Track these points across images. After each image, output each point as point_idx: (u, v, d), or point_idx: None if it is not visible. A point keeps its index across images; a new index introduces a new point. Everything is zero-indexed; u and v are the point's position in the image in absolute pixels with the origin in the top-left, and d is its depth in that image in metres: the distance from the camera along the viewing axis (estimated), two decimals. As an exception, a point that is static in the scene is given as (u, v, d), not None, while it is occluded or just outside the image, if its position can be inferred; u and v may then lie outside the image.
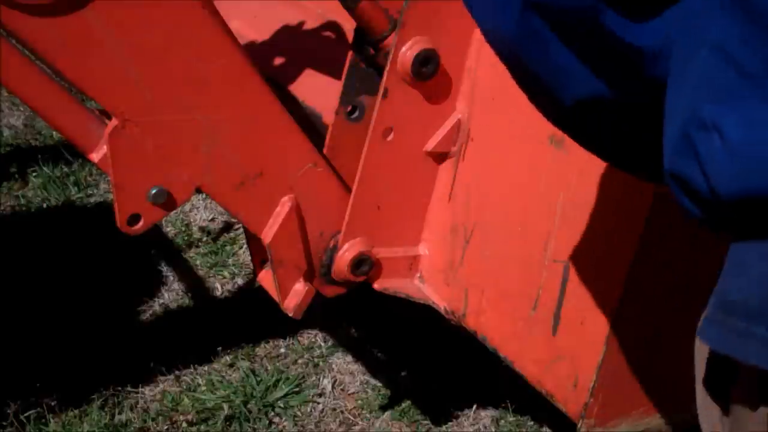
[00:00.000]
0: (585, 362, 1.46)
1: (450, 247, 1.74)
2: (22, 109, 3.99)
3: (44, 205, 3.37)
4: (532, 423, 2.51)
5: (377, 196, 1.73)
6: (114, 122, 1.45)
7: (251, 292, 2.97)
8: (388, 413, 2.51)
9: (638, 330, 1.45)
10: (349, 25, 1.91)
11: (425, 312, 1.83)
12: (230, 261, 3.14)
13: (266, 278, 1.83)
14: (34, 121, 3.90)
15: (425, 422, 2.49)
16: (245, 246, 3.12)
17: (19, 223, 3.25)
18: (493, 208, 1.63)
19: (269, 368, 2.63)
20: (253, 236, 1.73)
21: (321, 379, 2.62)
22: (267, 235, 1.68)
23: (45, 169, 3.55)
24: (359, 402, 2.56)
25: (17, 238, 3.13)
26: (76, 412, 2.37)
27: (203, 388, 2.53)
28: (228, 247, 3.21)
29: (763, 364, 0.63)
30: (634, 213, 1.34)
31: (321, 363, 2.69)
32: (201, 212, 3.38)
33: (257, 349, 2.72)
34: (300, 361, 2.69)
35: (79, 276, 2.91)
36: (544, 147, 1.49)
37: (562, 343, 1.51)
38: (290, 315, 1.77)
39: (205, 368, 2.61)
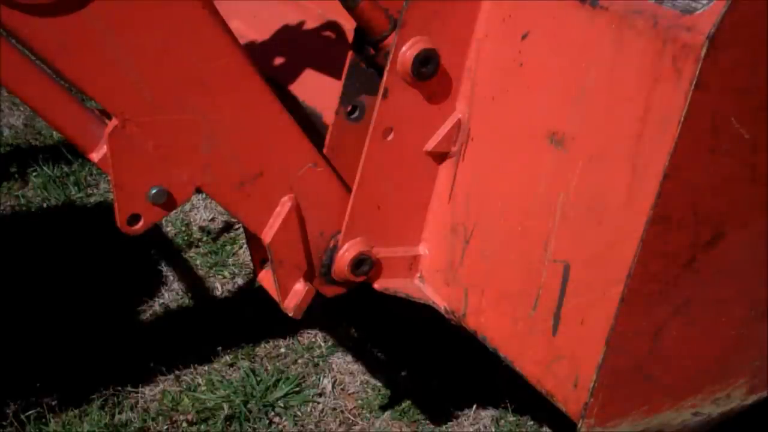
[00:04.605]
0: (585, 362, 1.46)
1: (450, 247, 1.74)
2: (22, 109, 3.99)
3: (44, 205, 3.37)
4: (532, 423, 2.51)
5: (377, 196, 1.72)
6: (114, 122, 1.45)
7: (251, 292, 2.97)
8: (388, 413, 2.51)
9: (638, 329, 1.45)
10: (349, 25, 1.91)
11: (425, 312, 1.83)
12: (230, 261, 3.14)
13: (266, 278, 1.83)
14: (34, 121, 3.90)
15: (425, 422, 2.49)
16: (245, 246, 3.12)
17: (19, 223, 3.25)
18: (493, 207, 1.63)
19: (269, 368, 2.64)
20: (253, 236, 1.73)
21: (321, 379, 2.62)
22: (267, 235, 1.68)
23: (45, 169, 3.55)
24: (359, 402, 2.56)
25: (17, 238, 3.13)
26: (76, 412, 2.38)
27: (203, 387, 2.53)
28: (228, 247, 3.21)
29: None
30: (635, 213, 1.34)
31: (321, 363, 2.69)
32: (201, 212, 3.38)
33: (257, 349, 2.72)
34: (300, 361, 2.69)
35: (79, 276, 2.91)
36: (544, 147, 1.49)
37: (562, 343, 1.51)
38: (290, 315, 1.77)
39: (205, 368, 2.61)
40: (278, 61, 2.17)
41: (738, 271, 1.50)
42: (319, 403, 2.54)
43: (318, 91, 1.98)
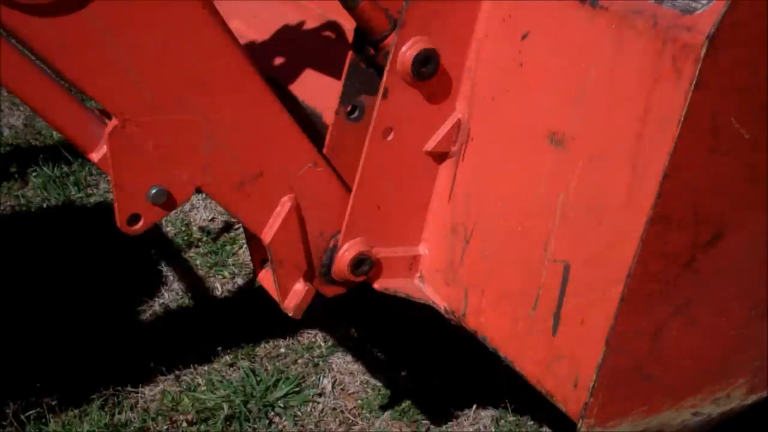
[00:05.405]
0: (585, 362, 1.46)
1: (450, 247, 1.74)
2: (22, 109, 3.99)
3: (44, 205, 3.37)
4: (532, 423, 2.51)
5: (377, 196, 1.73)
6: (114, 122, 1.45)
7: (251, 292, 2.97)
8: (388, 413, 2.51)
9: (638, 329, 1.45)
10: (349, 25, 1.91)
11: (425, 312, 1.83)
12: (230, 261, 3.14)
13: (266, 278, 1.83)
14: (34, 121, 3.90)
15: (425, 422, 2.49)
16: (245, 246, 3.12)
17: (19, 223, 3.25)
18: (493, 207, 1.63)
19: (269, 368, 2.63)
20: (253, 236, 1.73)
21: (321, 379, 2.62)
22: (267, 235, 1.68)
23: (45, 169, 3.55)
24: (359, 402, 2.56)
25: (17, 238, 3.13)
26: (76, 412, 2.38)
27: (203, 387, 2.53)
28: (228, 247, 3.21)
29: None
30: (635, 213, 1.34)
31: (321, 363, 2.69)
32: (201, 212, 3.38)
33: (257, 349, 2.72)
34: (300, 361, 2.69)
35: (79, 276, 2.91)
36: (544, 147, 1.49)
37: (562, 343, 1.51)
38: (290, 315, 1.77)
39: (205, 368, 2.61)
40: (278, 61, 2.17)
41: (738, 271, 1.50)
42: (319, 403, 2.54)
43: (318, 91, 1.98)
